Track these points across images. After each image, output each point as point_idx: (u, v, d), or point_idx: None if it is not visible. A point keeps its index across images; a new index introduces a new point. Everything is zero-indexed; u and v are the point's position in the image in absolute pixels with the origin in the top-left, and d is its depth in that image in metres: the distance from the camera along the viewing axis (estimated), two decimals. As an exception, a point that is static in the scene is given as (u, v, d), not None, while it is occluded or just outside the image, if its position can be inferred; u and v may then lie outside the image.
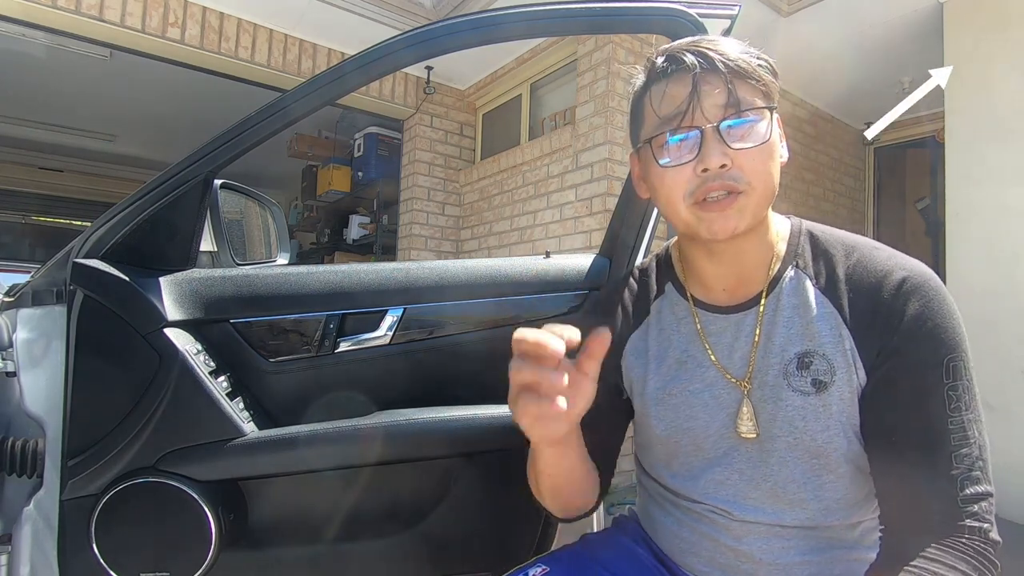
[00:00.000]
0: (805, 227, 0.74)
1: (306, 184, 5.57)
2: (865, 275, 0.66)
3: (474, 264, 1.03)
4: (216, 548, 0.84)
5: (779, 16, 3.12)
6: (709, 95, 0.64)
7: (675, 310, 0.78)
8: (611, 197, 3.02)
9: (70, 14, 2.90)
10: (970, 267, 2.74)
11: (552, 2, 0.93)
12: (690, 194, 0.65)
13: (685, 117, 0.65)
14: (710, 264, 0.73)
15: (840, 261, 0.68)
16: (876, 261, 0.66)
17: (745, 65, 0.65)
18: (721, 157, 0.63)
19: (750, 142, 0.64)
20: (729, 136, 0.63)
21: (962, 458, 0.59)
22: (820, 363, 0.65)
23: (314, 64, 3.65)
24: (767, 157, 0.65)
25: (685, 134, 0.65)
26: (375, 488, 0.97)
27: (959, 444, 0.59)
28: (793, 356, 0.67)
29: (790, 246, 0.72)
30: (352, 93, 1.11)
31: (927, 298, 0.63)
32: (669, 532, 0.77)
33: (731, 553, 0.70)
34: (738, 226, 0.65)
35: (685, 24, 0.89)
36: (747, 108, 0.64)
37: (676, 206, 0.67)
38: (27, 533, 0.90)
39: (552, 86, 3.74)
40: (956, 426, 0.60)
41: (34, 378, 0.92)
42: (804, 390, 0.66)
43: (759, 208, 0.66)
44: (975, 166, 2.76)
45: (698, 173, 0.64)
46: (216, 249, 1.18)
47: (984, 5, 2.76)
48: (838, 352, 0.65)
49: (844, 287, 0.67)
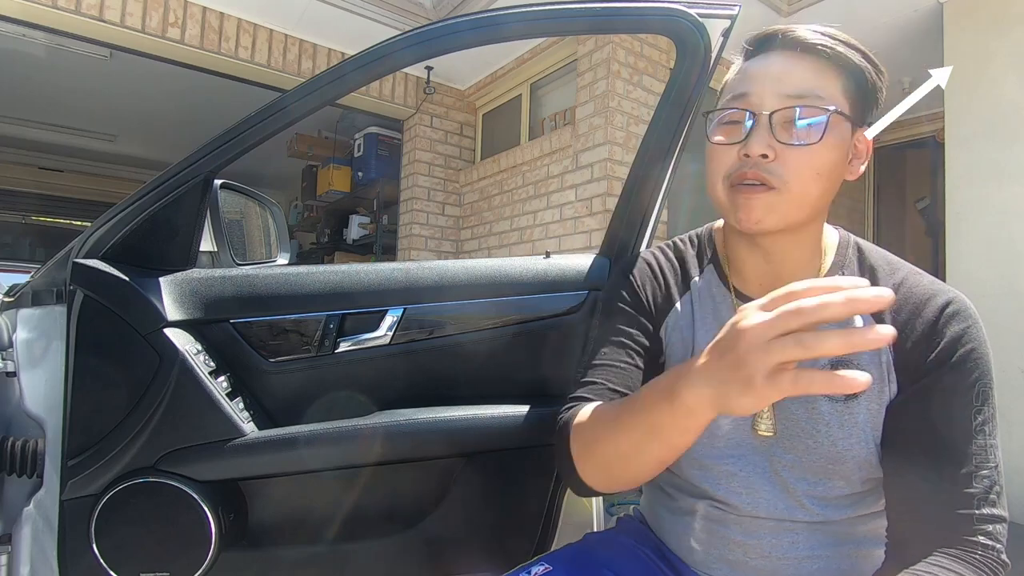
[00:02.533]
0: (853, 240, 0.74)
1: (306, 184, 5.57)
2: (909, 295, 0.66)
3: (474, 264, 1.03)
4: (216, 548, 0.84)
5: (779, 16, 3.12)
6: (777, 81, 0.63)
7: (714, 294, 0.76)
8: (611, 197, 3.02)
9: (70, 14, 2.90)
10: (970, 267, 2.74)
11: (552, 2, 0.93)
12: (728, 176, 0.65)
13: (746, 98, 0.65)
14: (749, 255, 0.72)
15: (884, 278, 0.69)
16: (920, 284, 0.67)
17: (833, 54, 0.62)
18: (764, 147, 0.62)
19: (800, 140, 0.62)
20: (780, 128, 0.62)
21: (981, 479, 0.60)
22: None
23: (314, 64, 3.65)
24: (816, 160, 0.63)
25: (738, 118, 0.65)
26: (375, 488, 0.97)
27: (980, 466, 0.60)
28: (826, 362, 0.66)
29: (838, 256, 0.72)
30: (352, 93, 1.11)
31: (967, 324, 0.64)
32: (677, 529, 0.77)
33: (740, 549, 0.70)
34: (763, 220, 0.64)
35: (685, 24, 0.89)
36: (811, 104, 0.62)
37: (716, 185, 0.67)
38: (27, 533, 0.90)
39: (552, 86, 3.74)
40: (979, 448, 0.60)
41: (34, 378, 0.92)
42: (833, 396, 0.66)
43: (792, 210, 0.64)
44: (975, 166, 2.76)
45: (740, 157, 0.64)
46: (216, 249, 1.18)
47: (984, 5, 2.76)
48: (873, 364, 0.65)
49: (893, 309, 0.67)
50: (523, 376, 1.02)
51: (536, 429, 0.93)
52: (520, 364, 1.01)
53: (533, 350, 1.00)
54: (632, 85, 3.15)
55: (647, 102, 3.19)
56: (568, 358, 0.99)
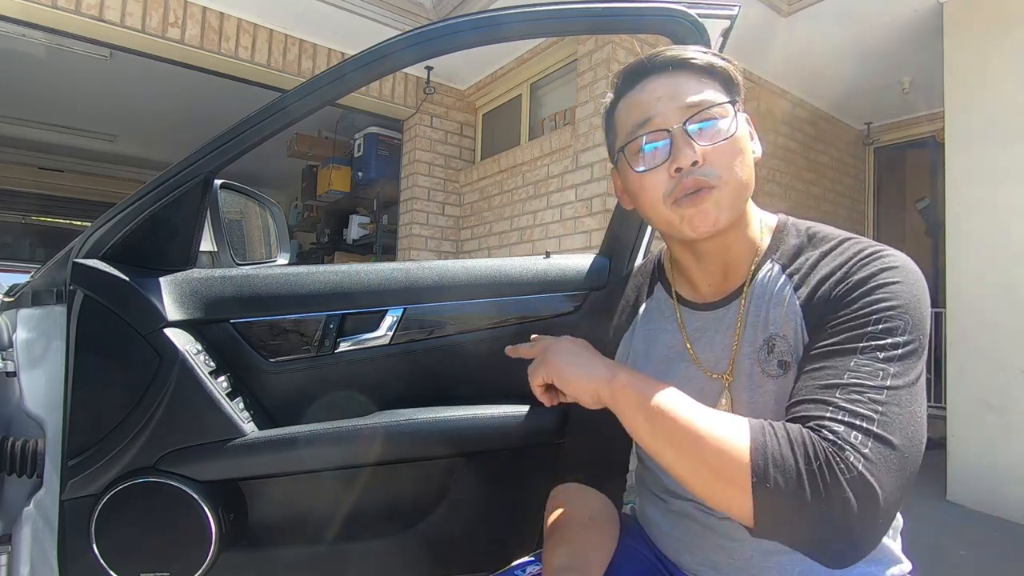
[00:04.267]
0: (791, 223, 0.75)
1: (306, 184, 5.57)
2: (838, 257, 0.67)
3: (474, 264, 1.03)
4: (216, 548, 0.84)
5: (779, 16, 3.12)
6: (672, 98, 0.68)
7: (662, 309, 0.81)
8: (611, 197, 3.02)
9: (70, 14, 2.90)
10: (970, 267, 2.74)
11: (552, 2, 0.93)
12: (668, 194, 0.68)
13: (652, 122, 0.68)
14: (697, 263, 0.75)
15: (821, 251, 0.69)
16: (856, 248, 0.67)
17: (701, 63, 0.69)
18: (692, 155, 0.65)
19: (716, 139, 0.67)
20: (696, 135, 0.67)
21: (852, 399, 0.54)
22: (781, 344, 0.67)
23: (314, 64, 3.65)
24: (736, 151, 0.67)
25: (655, 141, 0.68)
26: (375, 488, 0.97)
27: (856, 384, 0.55)
28: (762, 342, 0.68)
29: (773, 240, 0.74)
30: (352, 93, 1.11)
31: (883, 266, 0.63)
32: (664, 531, 0.78)
33: (723, 551, 0.70)
34: (718, 219, 0.67)
35: (685, 24, 0.89)
36: (709, 106, 0.67)
37: (657, 208, 0.70)
38: (27, 533, 0.90)
39: (552, 86, 3.74)
40: (862, 370, 0.56)
41: (34, 378, 0.92)
42: (773, 373, 0.67)
43: (734, 201, 0.68)
44: (975, 166, 2.76)
45: (672, 174, 0.67)
46: (216, 249, 1.18)
47: (984, 5, 2.77)
48: (791, 330, 0.66)
49: (814, 271, 0.67)
50: (523, 376, 1.01)
51: (536, 429, 0.93)
52: (520, 364, 1.01)
53: None
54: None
55: (647, 102, 3.19)
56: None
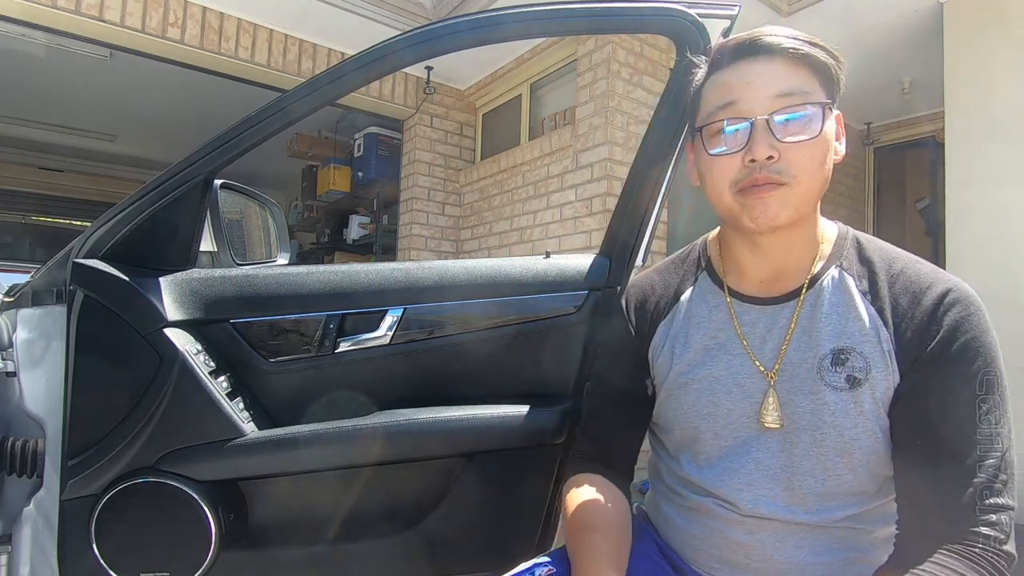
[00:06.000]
0: (852, 233, 0.75)
1: (306, 184, 5.57)
2: (908, 284, 0.67)
3: (474, 264, 1.03)
4: (216, 548, 0.84)
5: (779, 16, 3.12)
6: (762, 86, 0.65)
7: (707, 298, 0.79)
8: (611, 197, 3.02)
9: (70, 14, 2.90)
10: (969, 267, 2.74)
11: (552, 2, 0.93)
12: (735, 183, 0.67)
13: (735, 107, 0.66)
14: (752, 255, 0.74)
15: (883, 268, 0.69)
16: (920, 273, 0.68)
17: (803, 53, 0.65)
18: (768, 149, 0.64)
19: (799, 136, 0.64)
20: (778, 129, 0.64)
21: (986, 468, 0.60)
22: (856, 360, 0.66)
23: (314, 64, 3.65)
24: (817, 152, 0.65)
25: (736, 125, 0.66)
26: (375, 488, 0.97)
27: (984, 456, 0.60)
28: (829, 352, 0.67)
29: (836, 247, 0.73)
30: (352, 93, 1.11)
31: (967, 312, 0.64)
32: (679, 528, 0.77)
33: (742, 550, 0.70)
34: (779, 216, 0.65)
35: (685, 24, 0.89)
36: (800, 102, 0.64)
37: (722, 194, 0.69)
38: (27, 533, 0.90)
39: (552, 86, 3.74)
40: (983, 437, 0.60)
41: (34, 378, 0.92)
42: (838, 385, 0.66)
43: (802, 202, 0.66)
44: (975, 166, 2.76)
45: (745, 163, 0.66)
46: (216, 249, 1.18)
47: (984, 5, 2.76)
48: (876, 351, 0.66)
49: (886, 292, 0.67)
50: (523, 376, 1.02)
51: (536, 429, 0.93)
52: (520, 364, 1.01)
53: (533, 350, 1.00)
54: (632, 85, 3.15)
55: (647, 102, 3.18)
56: (568, 358, 1.00)
